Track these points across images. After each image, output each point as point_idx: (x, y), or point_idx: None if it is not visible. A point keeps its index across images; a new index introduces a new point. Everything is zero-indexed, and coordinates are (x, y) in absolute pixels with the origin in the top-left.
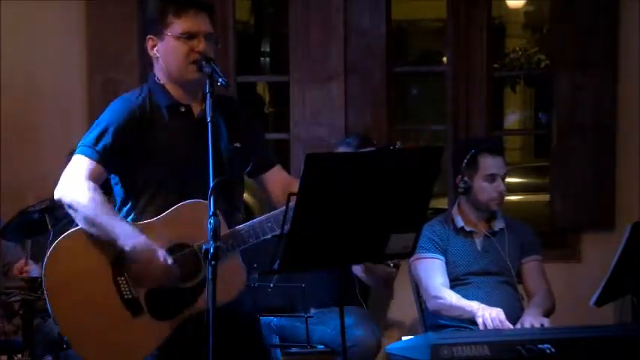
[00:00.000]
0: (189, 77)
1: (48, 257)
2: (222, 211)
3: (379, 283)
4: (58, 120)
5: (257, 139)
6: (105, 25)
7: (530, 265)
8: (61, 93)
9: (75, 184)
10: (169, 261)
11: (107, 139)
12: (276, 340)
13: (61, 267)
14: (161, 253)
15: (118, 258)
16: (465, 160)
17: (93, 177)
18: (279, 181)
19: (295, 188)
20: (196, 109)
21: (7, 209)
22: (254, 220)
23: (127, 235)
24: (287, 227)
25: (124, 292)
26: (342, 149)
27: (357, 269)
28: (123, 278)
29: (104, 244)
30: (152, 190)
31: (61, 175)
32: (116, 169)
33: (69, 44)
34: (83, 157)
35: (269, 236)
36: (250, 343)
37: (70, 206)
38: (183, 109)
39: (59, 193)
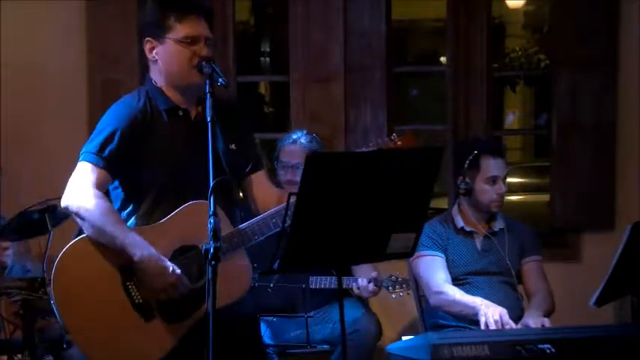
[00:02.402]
0: (192, 81)
1: (56, 265)
2: (223, 211)
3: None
4: (58, 120)
5: (249, 140)
6: (105, 25)
7: (531, 266)
8: (61, 93)
9: (81, 193)
10: (177, 272)
11: (112, 145)
12: (269, 340)
13: (69, 275)
14: (169, 266)
15: (126, 263)
16: (467, 162)
17: (99, 184)
18: (264, 186)
19: (279, 198)
20: (193, 113)
21: (7, 209)
22: (258, 218)
23: (136, 245)
24: (288, 225)
25: (135, 297)
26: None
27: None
28: (132, 283)
29: (112, 250)
30: (153, 194)
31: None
32: (120, 174)
33: (69, 44)
34: (88, 164)
35: (274, 232)
36: (249, 343)
37: (77, 215)
38: (181, 113)
39: (66, 202)
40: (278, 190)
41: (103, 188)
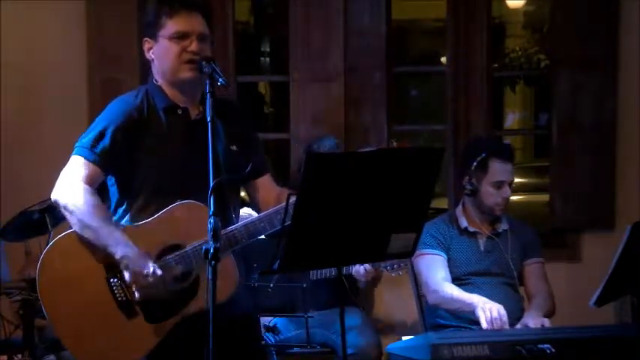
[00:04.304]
0: (183, 76)
1: (42, 258)
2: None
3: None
4: (58, 120)
5: (253, 143)
6: (105, 25)
7: (532, 267)
8: (61, 93)
9: (71, 187)
10: (158, 273)
11: (105, 141)
12: (272, 340)
13: (54, 268)
14: (150, 266)
15: (110, 260)
16: (475, 163)
17: (90, 179)
18: (269, 190)
19: (278, 196)
20: (193, 112)
21: (7, 209)
22: (246, 221)
23: (119, 243)
24: (286, 225)
25: (118, 294)
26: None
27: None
28: (116, 280)
29: (97, 246)
30: (148, 192)
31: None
32: (113, 170)
33: (69, 44)
34: (80, 158)
35: (262, 236)
36: (248, 343)
37: (65, 208)
38: (180, 112)
39: (55, 195)
40: (278, 189)
41: (93, 183)
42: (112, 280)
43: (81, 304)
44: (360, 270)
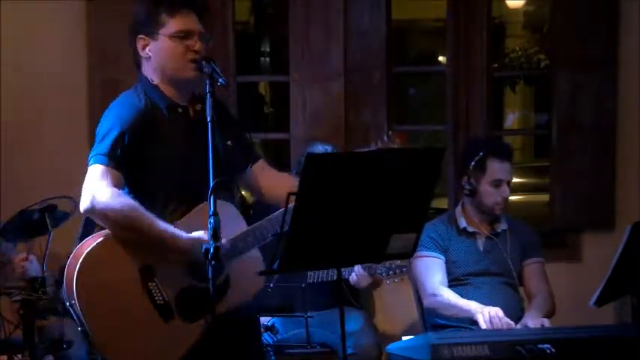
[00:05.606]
0: (186, 76)
1: (78, 269)
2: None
3: (369, 285)
4: (58, 120)
5: (242, 135)
6: (105, 25)
7: (532, 267)
8: (61, 93)
9: (104, 193)
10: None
11: (122, 146)
12: (270, 340)
13: (92, 278)
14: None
15: (146, 264)
16: (473, 163)
17: (116, 184)
18: (267, 173)
19: (286, 181)
20: (191, 111)
21: (7, 209)
22: (271, 216)
23: (178, 233)
24: (287, 227)
25: (157, 298)
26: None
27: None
28: (154, 284)
29: (133, 251)
30: (155, 191)
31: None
32: (129, 173)
33: (69, 44)
34: (101, 166)
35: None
36: (248, 344)
37: (103, 216)
38: (181, 110)
39: (88, 204)
40: (275, 172)
41: (120, 188)
42: (150, 284)
43: (120, 311)
44: (352, 277)
